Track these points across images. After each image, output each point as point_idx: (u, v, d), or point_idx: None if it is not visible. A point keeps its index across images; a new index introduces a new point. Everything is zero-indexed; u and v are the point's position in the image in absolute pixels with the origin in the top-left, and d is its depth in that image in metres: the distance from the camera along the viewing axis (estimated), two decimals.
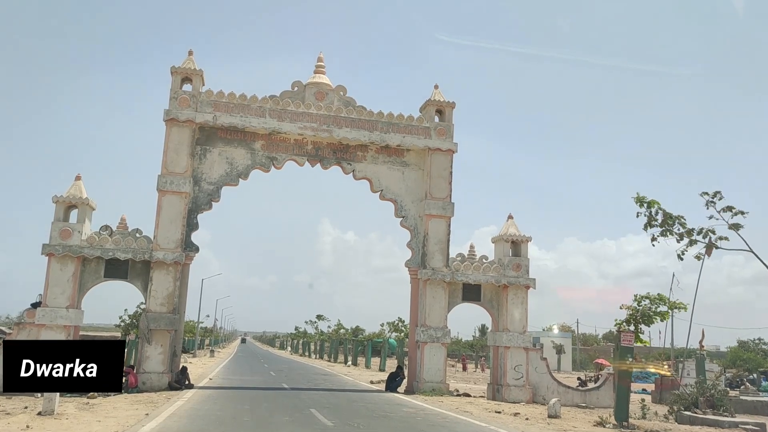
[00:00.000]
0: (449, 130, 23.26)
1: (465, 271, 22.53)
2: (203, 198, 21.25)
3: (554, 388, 21.95)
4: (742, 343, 65.54)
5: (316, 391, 22.33)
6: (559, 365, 52.86)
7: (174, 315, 20.01)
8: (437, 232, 22.58)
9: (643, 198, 14.22)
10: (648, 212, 14.15)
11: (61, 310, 19.05)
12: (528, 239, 23.12)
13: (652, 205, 14.15)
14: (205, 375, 28.48)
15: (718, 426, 16.17)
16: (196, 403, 16.35)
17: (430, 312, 22.04)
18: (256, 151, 21.97)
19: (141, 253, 19.94)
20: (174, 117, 20.82)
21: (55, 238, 19.35)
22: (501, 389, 21.67)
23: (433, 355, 21.93)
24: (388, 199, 22.94)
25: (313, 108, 22.17)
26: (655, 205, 14.13)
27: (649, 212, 14.15)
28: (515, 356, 21.99)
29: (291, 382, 26.64)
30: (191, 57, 21.77)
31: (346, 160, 22.65)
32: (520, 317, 22.40)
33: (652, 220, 14.10)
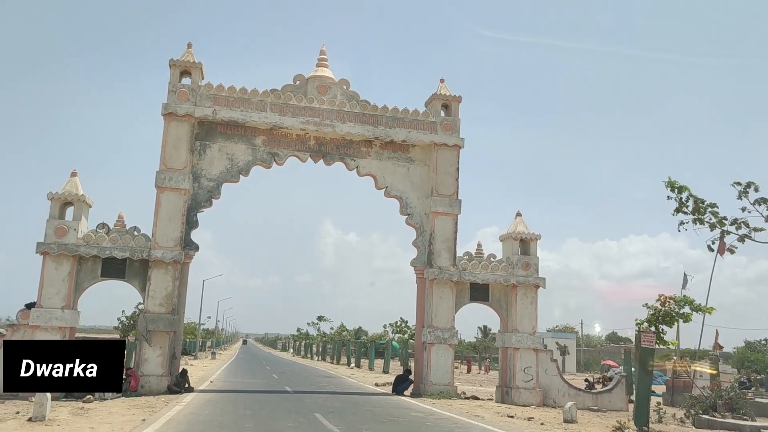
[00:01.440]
0: (456, 124, 22.61)
1: (473, 270, 21.87)
2: (203, 195, 20.62)
3: (565, 391, 21.32)
4: (749, 344, 64.83)
5: (319, 395, 21.67)
6: (563, 366, 52.18)
7: (173, 316, 19.37)
8: (444, 229, 21.93)
9: (674, 182, 13.47)
10: (678, 198, 13.42)
11: (56, 310, 18.42)
12: (537, 237, 22.47)
13: (683, 191, 13.40)
14: (206, 377, 27.87)
15: (738, 430, 15.51)
16: (196, 408, 15.71)
17: (437, 312, 21.39)
18: (257, 147, 21.34)
19: (139, 251, 19.32)
20: (172, 111, 20.19)
21: (50, 236, 18.74)
22: (510, 392, 21.00)
23: (441, 357, 21.28)
24: (392, 196, 22.30)
25: (316, 102, 21.54)
26: (685, 191, 13.38)
27: (679, 198, 13.41)
28: (525, 358, 21.33)
29: (294, 384, 25.98)
30: (190, 50, 21.14)
31: (350, 156, 22.01)
32: (529, 317, 21.75)
33: (683, 207, 13.36)
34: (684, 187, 13.47)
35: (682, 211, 13.34)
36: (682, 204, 13.35)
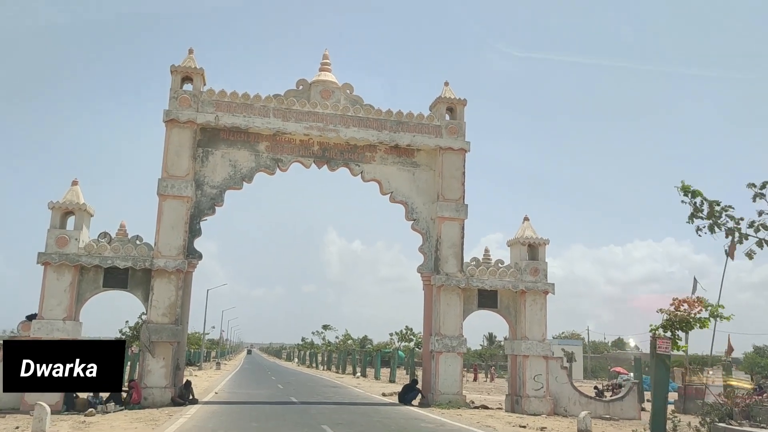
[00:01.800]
0: (461, 128, 22.28)
1: (480, 276, 21.49)
2: (206, 202, 20.31)
3: (576, 399, 20.89)
4: (758, 349, 64.24)
5: (326, 405, 21.26)
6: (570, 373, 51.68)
7: (176, 326, 19.01)
8: (450, 235, 21.56)
9: (687, 187, 13.10)
10: (693, 203, 13.03)
11: (58, 322, 18.08)
12: (545, 242, 22.08)
13: (696, 195, 13.02)
14: (210, 389, 27.49)
15: None
16: (200, 421, 15.32)
17: (444, 320, 20.99)
18: (261, 153, 21.03)
19: (141, 260, 18.98)
20: (174, 118, 19.91)
21: (51, 246, 18.42)
22: (520, 400, 20.56)
23: (449, 366, 20.86)
24: (398, 202, 21.95)
25: (319, 107, 21.25)
26: (699, 196, 13.00)
27: (693, 203, 13.02)
28: (534, 365, 20.90)
29: (300, 395, 25.55)
30: (191, 55, 20.89)
31: (354, 161, 21.69)
32: (539, 324, 21.33)
33: (698, 212, 12.97)
34: (697, 192, 13.08)
35: (698, 216, 12.94)
36: (697, 209, 12.96)
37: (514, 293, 21.64)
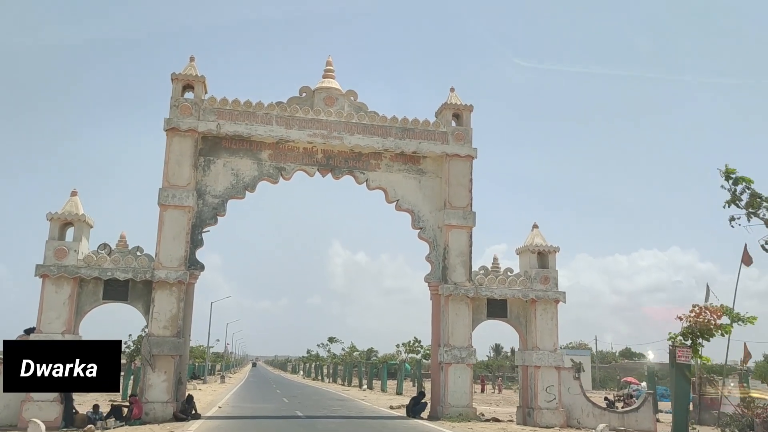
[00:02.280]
0: (467, 134, 21.86)
1: (489, 285, 20.98)
2: (208, 212, 19.90)
3: (589, 411, 20.32)
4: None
5: (333, 419, 20.70)
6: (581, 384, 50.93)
7: (178, 339, 18.54)
8: (458, 243, 21.08)
9: (732, 170, 12.26)
10: (733, 189, 12.24)
11: (57, 336, 17.60)
12: (556, 250, 21.57)
13: (741, 182, 12.23)
14: (214, 403, 26.96)
15: None
16: None
17: (453, 330, 20.46)
18: (263, 162, 20.64)
19: (142, 272, 18.55)
20: (175, 126, 19.54)
21: (50, 258, 18.02)
22: (532, 413, 19.98)
23: (458, 377, 20.30)
24: (404, 210, 21.51)
25: (323, 114, 20.86)
26: (743, 182, 12.20)
27: (734, 189, 12.24)
28: (546, 376, 20.33)
29: (305, 409, 24.99)
30: (192, 63, 20.56)
31: (359, 169, 21.27)
32: (550, 334, 20.79)
33: (737, 199, 12.21)
34: (744, 178, 12.24)
35: (735, 204, 12.21)
36: (736, 197, 12.21)
37: (524, 302, 21.12)
